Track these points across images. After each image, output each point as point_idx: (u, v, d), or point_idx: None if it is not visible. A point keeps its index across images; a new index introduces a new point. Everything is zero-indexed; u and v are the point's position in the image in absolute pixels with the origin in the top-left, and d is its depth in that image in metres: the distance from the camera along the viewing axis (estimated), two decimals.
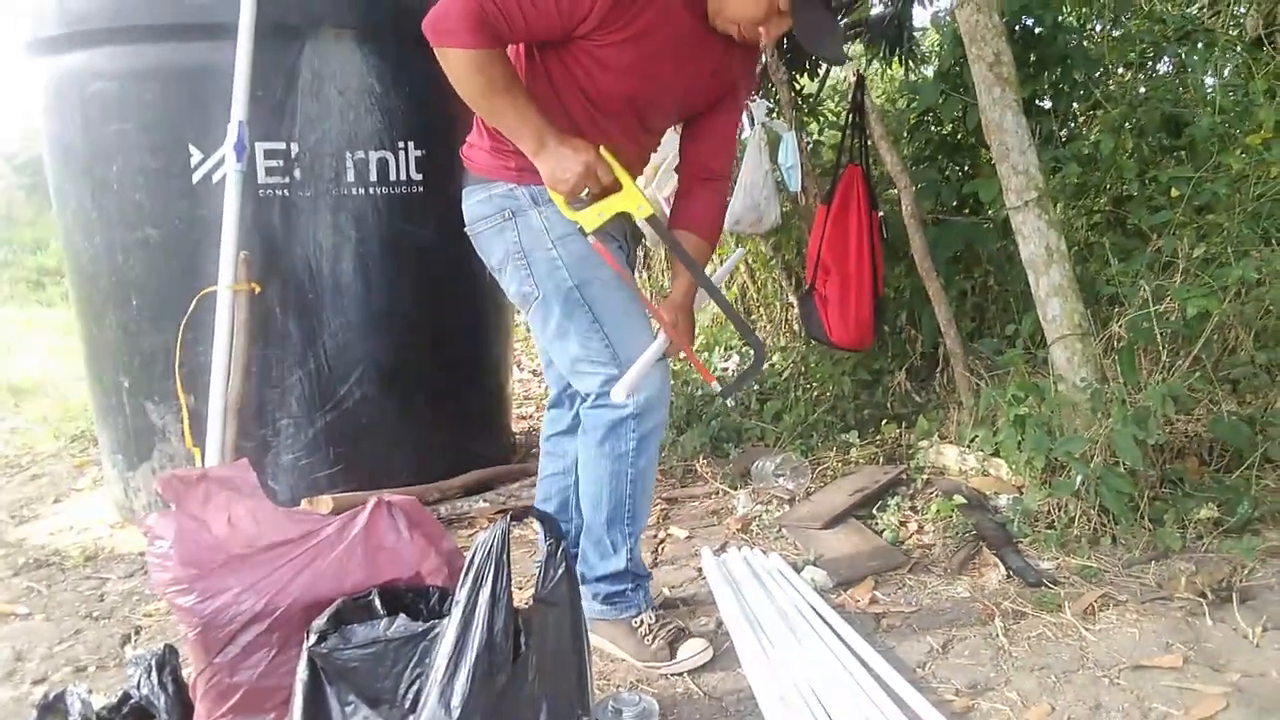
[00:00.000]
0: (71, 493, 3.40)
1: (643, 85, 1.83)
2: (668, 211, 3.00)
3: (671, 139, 2.62)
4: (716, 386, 2.04)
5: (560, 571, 1.48)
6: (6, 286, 8.72)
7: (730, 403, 3.52)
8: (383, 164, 2.75)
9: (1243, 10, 4.41)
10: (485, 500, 3.00)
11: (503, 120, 1.76)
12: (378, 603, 1.55)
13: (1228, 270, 2.50)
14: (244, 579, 1.54)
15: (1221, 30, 3.43)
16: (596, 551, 2.04)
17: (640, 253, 5.12)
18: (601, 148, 1.79)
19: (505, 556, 1.38)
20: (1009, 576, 2.33)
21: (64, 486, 3.47)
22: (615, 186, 1.82)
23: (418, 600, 1.60)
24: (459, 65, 1.68)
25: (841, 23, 4.69)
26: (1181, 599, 2.15)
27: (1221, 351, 2.85)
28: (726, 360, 4.37)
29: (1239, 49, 3.47)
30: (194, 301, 2.61)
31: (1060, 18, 3.30)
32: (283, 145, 2.63)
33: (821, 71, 4.83)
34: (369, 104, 2.71)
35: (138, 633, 2.29)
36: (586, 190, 1.79)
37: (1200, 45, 3.47)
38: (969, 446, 3.00)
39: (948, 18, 2.97)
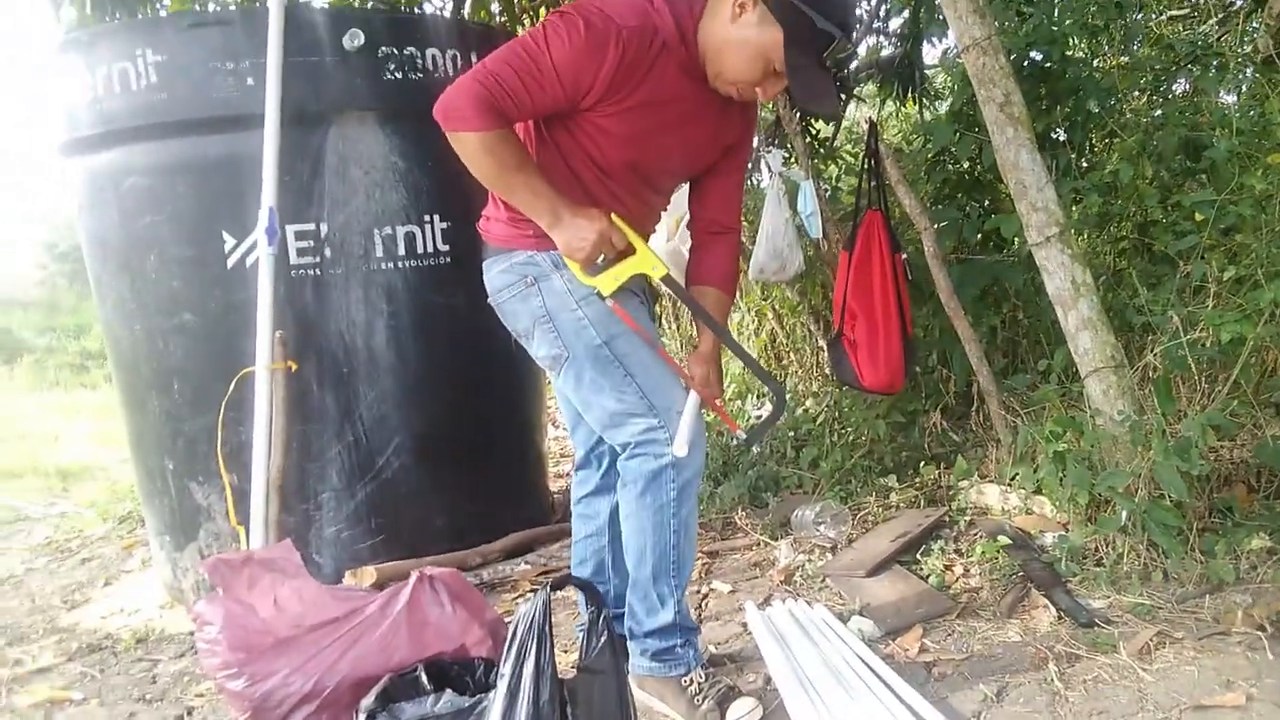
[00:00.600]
0: (121, 575, 3.45)
1: (647, 150, 1.89)
2: None
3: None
4: (741, 434, 2.05)
5: (603, 639, 1.48)
6: (52, 372, 8.94)
7: (756, 449, 3.51)
8: (410, 238, 2.81)
9: (1256, 26, 4.42)
10: (527, 562, 3.01)
11: (517, 196, 1.82)
12: (424, 678, 1.56)
13: (1259, 293, 2.47)
14: (292, 661, 1.56)
15: (1232, 51, 3.42)
16: (644, 606, 2.04)
17: (669, 305, 5.16)
18: (613, 215, 1.84)
19: (547, 627, 1.39)
20: (1060, 618, 2.28)
21: (114, 569, 3.53)
22: (630, 250, 1.87)
23: (463, 673, 1.62)
24: (472, 148, 1.74)
25: (848, 69, 4.75)
26: (1239, 633, 2.10)
27: (1261, 375, 2.81)
28: (759, 408, 4.36)
29: (1252, 69, 3.46)
30: (233, 383, 2.67)
31: (1068, 50, 3.32)
32: (312, 226, 2.70)
33: None
34: (394, 181, 2.78)
35: (190, 713, 2.31)
36: (602, 256, 1.84)
37: (1213, 66, 3.47)
38: (1010, 485, 2.97)
39: (957, 58, 3.00)
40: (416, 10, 4.93)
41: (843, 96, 5.11)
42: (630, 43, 1.72)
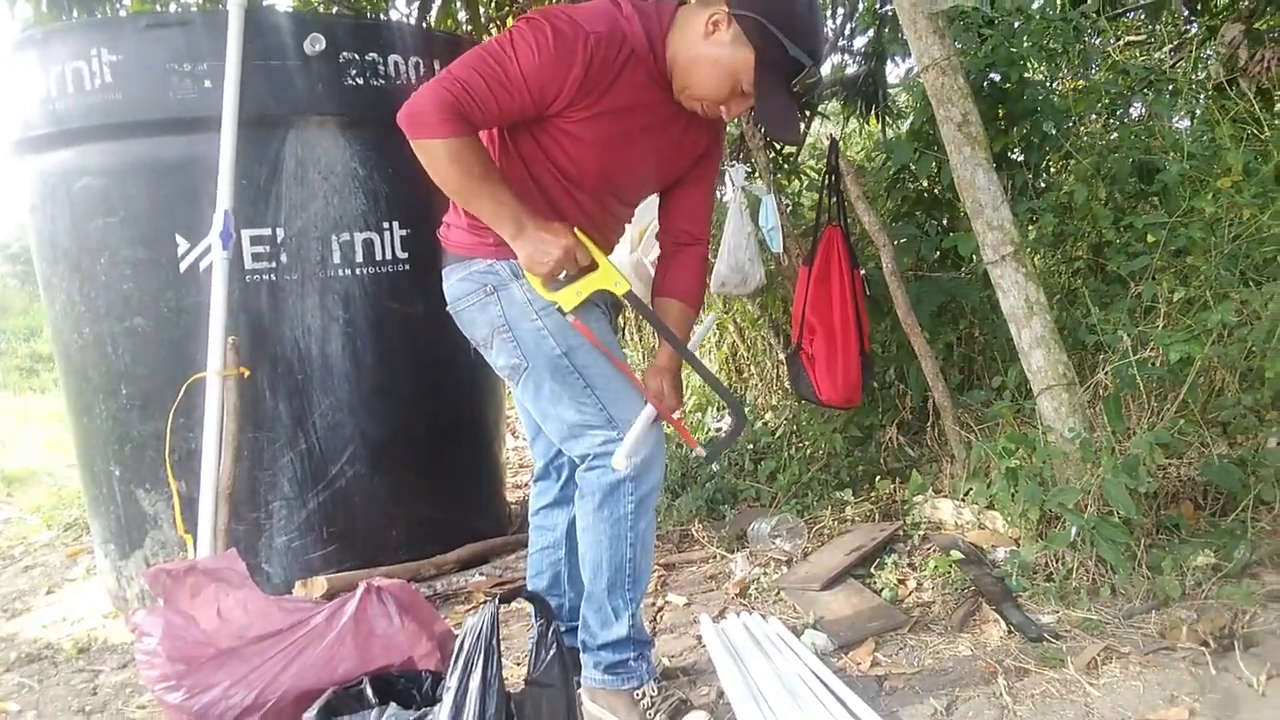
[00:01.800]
0: (65, 583, 3.37)
1: (614, 158, 1.87)
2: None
3: (654, 203, 2.67)
4: (700, 450, 2.05)
5: (552, 653, 1.47)
6: (0, 375, 8.74)
7: (716, 466, 3.51)
8: (368, 244, 2.79)
9: (1208, 54, 4.53)
10: (481, 574, 2.98)
11: (480, 205, 1.80)
12: (369, 691, 1.54)
13: (1208, 314, 2.52)
14: (233, 673, 1.53)
15: (1186, 78, 3.50)
16: (598, 619, 2.02)
17: (632, 316, 5.16)
18: (576, 230, 1.83)
19: (495, 640, 1.37)
20: (1010, 632, 2.31)
21: (57, 577, 3.45)
22: (592, 266, 1.86)
23: (410, 686, 1.59)
24: (437, 155, 1.72)
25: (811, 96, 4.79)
26: (1184, 649, 2.13)
27: (1208, 394, 2.87)
28: (720, 420, 4.37)
29: (1204, 96, 3.54)
30: (183, 388, 2.62)
31: (1026, 73, 3.37)
32: (269, 231, 2.66)
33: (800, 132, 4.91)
34: (353, 187, 2.75)
35: None
36: (564, 272, 1.82)
37: (1167, 91, 3.55)
38: (963, 500, 3.00)
39: (917, 78, 3.04)
40: (381, 16, 4.90)
41: (806, 114, 5.16)
42: (598, 49, 1.72)
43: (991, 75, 3.40)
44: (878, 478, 3.37)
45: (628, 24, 1.77)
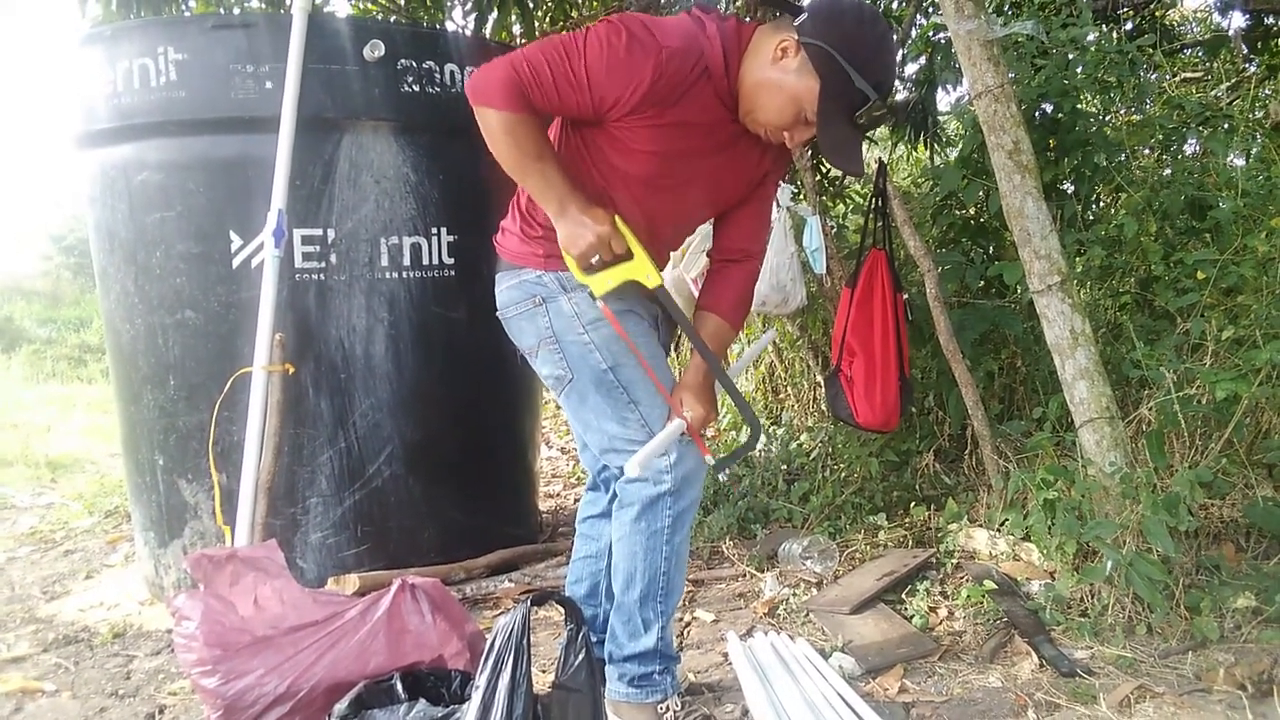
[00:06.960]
0: (103, 569, 3.43)
1: (674, 172, 1.87)
2: (696, 293, 3.06)
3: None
4: (710, 459, 2.00)
5: (581, 657, 1.47)
6: (49, 363, 8.94)
7: (723, 476, 3.51)
8: (416, 249, 2.83)
9: (1267, 93, 4.47)
10: (510, 580, 2.99)
11: (530, 182, 1.82)
12: (399, 687, 1.55)
13: (1257, 353, 2.48)
14: (268, 661, 1.56)
15: (1242, 116, 3.46)
16: (626, 630, 2.03)
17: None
18: (617, 218, 1.83)
19: (525, 641, 1.38)
20: (1042, 666, 2.27)
21: (96, 562, 3.51)
22: (628, 256, 1.85)
23: (439, 684, 1.61)
24: (491, 124, 1.75)
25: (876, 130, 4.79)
26: (1220, 691, 2.09)
27: (1254, 435, 2.81)
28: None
29: (1261, 135, 3.50)
30: (229, 382, 2.67)
31: (1080, 104, 3.35)
32: (320, 231, 2.71)
33: None
34: (404, 191, 2.80)
35: (162, 712, 2.29)
36: (598, 256, 1.84)
37: (1223, 129, 3.51)
38: (999, 530, 2.97)
39: (969, 105, 3.03)
40: (438, 26, 4.98)
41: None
42: (670, 64, 1.71)
43: (1044, 105, 3.38)
44: (912, 504, 3.34)
45: (709, 43, 1.76)
